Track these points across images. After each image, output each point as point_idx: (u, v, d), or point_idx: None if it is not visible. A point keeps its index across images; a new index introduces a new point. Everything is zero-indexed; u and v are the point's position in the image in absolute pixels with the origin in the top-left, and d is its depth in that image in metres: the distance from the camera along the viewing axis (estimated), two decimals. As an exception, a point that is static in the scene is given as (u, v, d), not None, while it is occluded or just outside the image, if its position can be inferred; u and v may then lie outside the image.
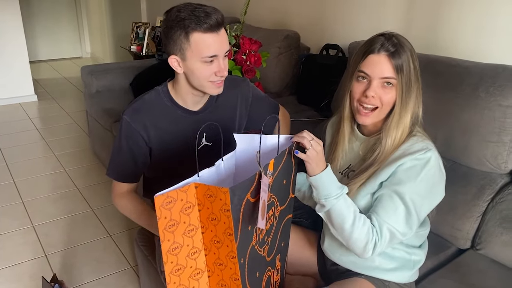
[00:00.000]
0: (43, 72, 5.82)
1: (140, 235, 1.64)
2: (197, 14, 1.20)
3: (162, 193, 0.84)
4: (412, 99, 1.11)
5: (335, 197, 1.06)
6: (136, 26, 4.32)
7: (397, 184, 1.07)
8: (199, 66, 1.25)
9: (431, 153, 1.08)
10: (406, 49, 1.09)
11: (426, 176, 1.07)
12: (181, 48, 1.23)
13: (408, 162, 1.07)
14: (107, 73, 3.13)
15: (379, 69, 1.08)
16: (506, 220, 1.39)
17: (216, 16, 1.21)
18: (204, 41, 1.21)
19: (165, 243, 0.87)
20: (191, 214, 0.89)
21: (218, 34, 1.23)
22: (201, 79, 1.28)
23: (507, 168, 1.48)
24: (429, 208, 1.13)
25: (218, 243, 0.91)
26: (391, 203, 1.07)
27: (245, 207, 0.87)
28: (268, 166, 0.92)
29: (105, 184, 2.85)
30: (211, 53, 1.23)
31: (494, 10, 1.68)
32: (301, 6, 2.65)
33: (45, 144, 3.51)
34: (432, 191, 1.10)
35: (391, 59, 1.08)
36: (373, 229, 1.06)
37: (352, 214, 1.06)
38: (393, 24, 2.08)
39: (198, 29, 1.20)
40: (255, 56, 1.97)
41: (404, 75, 1.08)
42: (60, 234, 2.34)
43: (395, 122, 1.11)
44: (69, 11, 6.48)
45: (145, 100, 1.40)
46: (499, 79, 1.45)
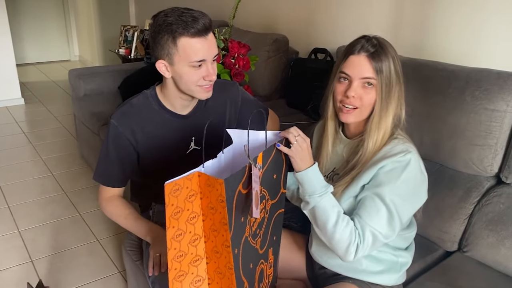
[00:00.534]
0: (30, 75, 5.77)
1: (128, 240, 1.63)
2: (185, 19, 1.19)
3: (171, 181, 0.87)
4: (393, 101, 1.13)
5: (319, 195, 1.07)
6: (125, 29, 4.30)
7: (378, 186, 1.07)
8: (187, 71, 1.24)
9: (411, 155, 1.08)
10: (386, 51, 1.11)
11: (407, 178, 1.07)
12: (169, 53, 1.23)
13: (389, 164, 1.08)
14: (95, 76, 3.11)
15: (359, 70, 1.10)
16: (492, 223, 1.41)
17: (204, 20, 1.21)
18: (191, 46, 1.21)
19: (170, 229, 0.90)
20: (194, 202, 0.92)
21: (206, 38, 1.22)
22: (189, 84, 1.27)
23: (492, 171, 1.49)
24: (411, 210, 1.13)
25: (216, 231, 0.93)
26: (373, 205, 1.07)
27: (238, 199, 0.90)
28: (257, 159, 0.94)
29: (93, 188, 2.83)
30: (199, 58, 1.22)
31: (480, 16, 1.71)
32: (290, 10, 2.66)
33: (32, 148, 3.47)
34: (413, 193, 1.11)
35: (370, 59, 1.09)
36: (356, 231, 1.06)
37: (335, 214, 1.07)
38: (381, 29, 2.10)
39: (186, 34, 1.19)
40: (243, 59, 1.97)
41: (384, 76, 1.10)
42: (47, 239, 2.31)
43: (375, 123, 1.12)
44: (57, 14, 6.43)
45: (133, 104, 1.40)
46: (484, 83, 1.46)
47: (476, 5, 1.70)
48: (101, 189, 1.46)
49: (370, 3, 2.13)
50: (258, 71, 2.40)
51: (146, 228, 1.40)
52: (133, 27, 4.30)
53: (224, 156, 1.02)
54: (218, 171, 1.01)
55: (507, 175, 1.45)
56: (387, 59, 1.10)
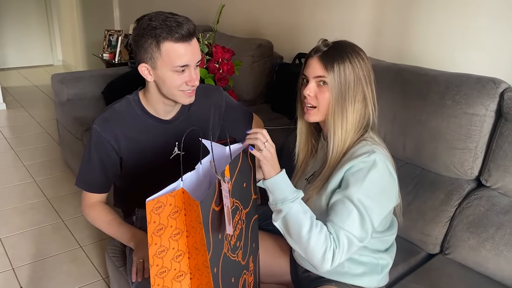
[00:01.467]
0: (12, 80, 5.68)
1: (112, 246, 1.61)
2: (169, 24, 1.19)
3: (153, 198, 0.85)
4: (351, 102, 1.13)
5: (292, 200, 1.04)
6: (109, 33, 4.27)
7: (346, 189, 1.07)
8: (170, 75, 1.24)
9: (376, 156, 1.08)
10: (341, 51, 1.12)
11: (373, 178, 1.07)
12: (152, 57, 1.23)
13: (354, 166, 1.09)
14: (79, 81, 3.08)
15: (312, 69, 1.13)
16: (473, 225, 1.43)
17: (188, 26, 1.21)
18: (175, 51, 1.21)
19: (152, 246, 0.89)
20: (178, 218, 0.91)
21: (189, 44, 1.23)
22: (172, 88, 1.27)
23: (473, 174, 1.52)
24: (381, 211, 1.11)
25: (197, 250, 0.92)
26: (343, 208, 1.06)
27: (212, 217, 0.88)
28: (225, 173, 0.92)
29: (76, 194, 2.79)
30: (183, 63, 1.22)
31: (460, 22, 1.74)
32: (275, 16, 2.67)
33: (14, 154, 3.42)
34: (381, 193, 1.10)
35: (321, 59, 1.12)
36: (331, 236, 1.04)
37: (308, 219, 1.04)
38: (364, 34, 2.12)
39: (170, 38, 1.19)
40: (228, 64, 1.98)
41: (336, 74, 1.10)
42: (28, 247, 2.27)
43: (331, 122, 1.14)
44: (40, 18, 6.35)
45: (116, 109, 1.39)
46: (464, 87, 1.49)
47: (457, 11, 1.74)
48: (84, 195, 1.45)
49: (353, 9, 2.15)
50: (242, 76, 2.41)
51: (129, 234, 1.38)
52: (117, 31, 4.27)
53: (202, 166, 1.01)
54: (197, 183, 0.99)
55: (487, 178, 1.47)
56: (341, 58, 1.11)
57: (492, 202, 1.44)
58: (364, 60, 1.14)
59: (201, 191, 0.99)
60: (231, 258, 1.01)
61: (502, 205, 1.42)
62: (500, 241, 1.35)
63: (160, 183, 0.93)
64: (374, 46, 2.08)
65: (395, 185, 1.14)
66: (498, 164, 1.43)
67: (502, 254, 1.34)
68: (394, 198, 1.16)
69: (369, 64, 1.16)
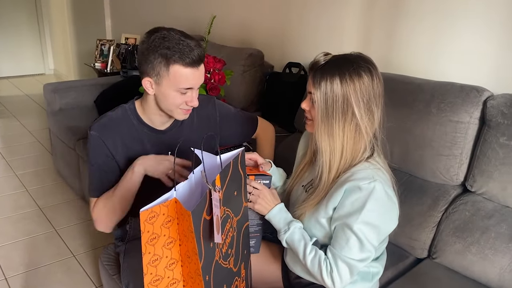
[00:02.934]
0: (3, 89, 5.67)
1: (105, 254, 1.63)
2: (181, 48, 1.23)
3: (146, 208, 0.88)
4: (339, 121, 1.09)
5: (284, 232, 1.19)
6: (101, 43, 4.29)
7: (346, 217, 1.10)
8: (172, 95, 1.29)
9: (376, 184, 1.08)
10: (335, 67, 1.08)
11: (372, 206, 1.08)
12: (159, 74, 1.26)
13: (354, 192, 1.09)
14: (71, 90, 3.09)
15: (308, 84, 1.16)
16: (459, 230, 1.47)
17: (199, 52, 1.25)
18: (183, 75, 1.25)
19: (146, 255, 0.91)
20: (171, 228, 0.93)
21: (197, 69, 1.27)
22: (171, 105, 1.32)
23: (458, 180, 1.56)
24: (380, 236, 1.14)
25: (189, 258, 0.95)
26: (343, 236, 1.11)
27: (204, 226, 0.91)
28: (215, 182, 0.95)
29: (68, 203, 2.80)
30: (188, 86, 1.27)
31: (444, 33, 1.79)
32: (265, 26, 2.72)
33: (6, 164, 3.41)
34: (381, 220, 1.12)
35: (313, 74, 1.11)
36: (326, 261, 1.11)
37: (302, 247, 1.15)
38: (353, 44, 2.17)
39: (181, 62, 1.24)
40: (219, 74, 2.01)
41: (322, 92, 1.08)
42: (20, 256, 2.27)
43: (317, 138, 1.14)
44: (31, 27, 6.35)
45: (112, 117, 1.41)
46: (448, 96, 1.54)
47: (441, 23, 1.79)
48: (91, 201, 1.43)
49: (341, 19, 2.20)
50: (234, 85, 2.44)
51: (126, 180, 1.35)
52: (109, 41, 4.29)
53: (194, 176, 1.04)
54: (190, 192, 1.02)
55: (472, 183, 1.52)
56: (331, 75, 1.08)
57: (477, 207, 1.48)
58: (362, 79, 1.08)
59: (193, 201, 1.02)
60: (222, 265, 1.03)
61: (487, 210, 1.46)
62: (485, 245, 1.39)
63: (153, 192, 0.96)
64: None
65: (394, 208, 1.16)
66: (482, 170, 1.47)
67: (487, 257, 1.38)
68: (395, 221, 1.18)
69: (371, 84, 1.09)
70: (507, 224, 1.39)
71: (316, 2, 2.32)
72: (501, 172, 1.41)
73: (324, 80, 1.08)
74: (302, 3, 2.41)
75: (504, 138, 1.41)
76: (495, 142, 1.43)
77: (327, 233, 1.17)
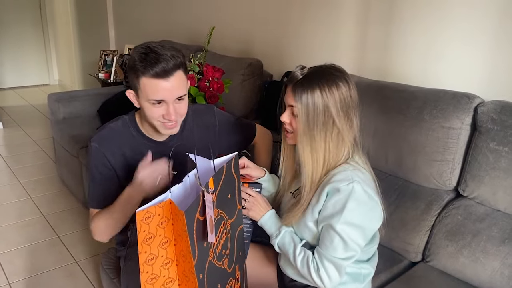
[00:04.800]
0: (9, 99, 5.75)
1: (106, 259, 1.66)
2: (148, 59, 1.23)
3: (142, 209, 0.92)
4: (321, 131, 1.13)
5: (275, 237, 1.27)
6: (104, 53, 4.37)
7: (329, 218, 1.14)
8: (147, 106, 1.30)
9: (354, 184, 1.12)
10: (314, 80, 1.13)
11: (351, 206, 1.11)
12: (134, 87, 1.30)
13: (334, 194, 1.13)
14: (74, 100, 3.16)
15: (287, 97, 1.18)
16: (451, 233, 1.50)
17: (166, 63, 1.23)
18: (151, 86, 1.25)
19: (142, 254, 0.95)
20: (166, 228, 0.97)
21: (166, 80, 1.25)
22: (150, 118, 1.33)
23: (451, 185, 1.59)
24: (364, 234, 1.17)
25: (184, 257, 0.98)
26: (327, 236, 1.15)
27: (197, 226, 0.94)
28: (209, 185, 0.99)
29: (71, 210, 2.84)
30: (157, 98, 1.27)
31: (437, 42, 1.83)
32: (264, 36, 2.77)
33: (10, 172, 3.47)
34: (363, 219, 1.15)
35: (293, 88, 1.14)
36: (313, 260, 1.17)
37: (292, 249, 1.22)
38: (348, 52, 2.22)
39: (146, 74, 1.24)
40: (218, 83, 2.06)
41: (303, 105, 1.12)
42: (24, 262, 2.31)
43: (299, 149, 1.17)
44: (36, 39, 6.45)
45: (112, 128, 1.44)
46: (440, 102, 1.58)
47: (434, 33, 1.83)
48: (91, 211, 1.46)
49: (338, 29, 2.25)
50: (234, 94, 2.49)
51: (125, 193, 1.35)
52: (112, 51, 4.37)
53: (189, 179, 1.08)
54: (184, 194, 1.06)
55: (464, 188, 1.55)
56: (311, 88, 1.11)
57: (469, 211, 1.51)
58: (340, 89, 1.13)
59: (187, 202, 1.06)
60: (216, 265, 1.07)
61: (478, 214, 1.49)
62: (477, 248, 1.42)
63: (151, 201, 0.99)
64: (357, 64, 2.17)
65: (376, 206, 1.18)
66: (473, 174, 1.51)
67: (479, 260, 1.41)
68: (378, 219, 1.21)
69: (348, 92, 1.14)
70: (498, 228, 1.42)
71: (313, 13, 2.38)
72: (492, 176, 1.45)
73: (305, 93, 1.12)
74: (300, 15, 2.47)
75: (494, 143, 1.44)
76: (486, 148, 1.46)
77: (315, 235, 1.21)
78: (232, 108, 2.52)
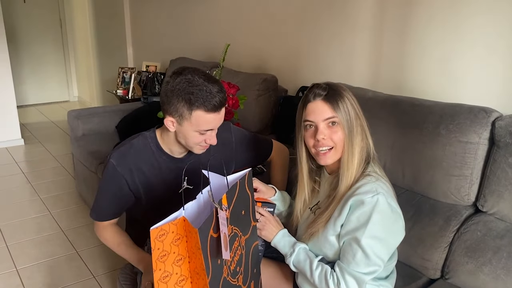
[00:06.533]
0: (30, 116, 5.89)
1: (123, 274, 1.67)
2: (204, 94, 1.27)
3: (156, 227, 0.93)
4: (357, 135, 1.21)
5: (290, 255, 1.26)
6: (123, 71, 4.45)
7: (353, 232, 1.14)
8: (193, 135, 1.34)
9: (379, 197, 1.13)
10: (337, 91, 1.21)
11: (377, 219, 1.12)
12: (181, 116, 1.31)
13: (359, 207, 1.14)
14: (93, 116, 3.22)
15: (319, 113, 1.20)
16: (470, 250, 1.47)
17: (220, 97, 1.29)
18: (204, 120, 1.30)
19: (156, 272, 0.96)
20: (180, 245, 0.98)
21: (218, 113, 1.32)
22: (191, 143, 1.37)
23: (470, 200, 1.56)
24: (388, 248, 1.18)
25: (198, 274, 0.99)
26: (349, 251, 1.15)
27: (211, 243, 0.95)
28: (222, 201, 0.99)
29: (90, 226, 2.87)
30: (208, 128, 1.33)
31: (453, 56, 1.82)
32: (279, 52, 2.80)
33: (31, 188, 3.53)
34: (387, 232, 1.16)
35: (326, 101, 1.19)
36: (333, 274, 1.16)
37: (308, 265, 1.21)
38: (364, 67, 2.22)
39: (203, 108, 1.28)
40: (233, 99, 2.08)
41: (342, 112, 1.19)
42: (43, 277, 2.34)
43: (346, 159, 1.20)
44: (57, 57, 6.62)
45: (133, 144, 1.46)
46: (457, 117, 1.56)
47: (450, 46, 1.82)
48: (96, 223, 1.53)
49: (352, 44, 2.26)
50: (249, 109, 2.51)
51: (138, 256, 1.45)
52: (130, 68, 4.45)
53: (202, 196, 1.09)
54: (198, 211, 1.07)
55: (483, 203, 1.52)
56: (341, 97, 1.20)
57: (489, 227, 1.48)
58: (352, 95, 1.23)
59: (201, 219, 1.06)
60: (231, 282, 1.07)
61: (499, 230, 1.46)
62: (497, 265, 1.39)
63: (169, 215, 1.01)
64: (372, 78, 2.17)
65: (399, 220, 1.20)
66: (492, 190, 1.48)
67: (499, 278, 1.37)
68: (401, 232, 1.22)
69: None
70: (519, 244, 1.39)
71: (327, 28, 2.39)
72: (511, 191, 1.42)
73: (340, 102, 1.19)
74: (314, 30, 2.49)
75: (513, 158, 1.42)
76: (505, 162, 1.44)
77: (337, 251, 1.20)
78: (247, 123, 2.54)
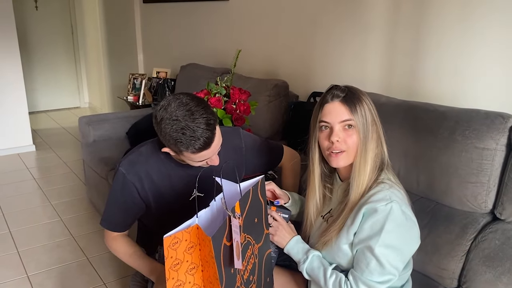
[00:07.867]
0: (42, 122, 5.94)
1: (134, 282, 1.66)
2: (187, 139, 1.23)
3: (169, 235, 0.92)
4: (372, 141, 1.19)
5: (303, 262, 1.23)
6: (133, 77, 4.47)
7: (367, 240, 1.12)
8: (190, 162, 1.35)
9: (393, 204, 1.11)
10: (356, 94, 1.19)
11: (391, 227, 1.10)
12: (174, 151, 1.32)
13: (372, 215, 1.12)
14: (104, 122, 3.23)
15: (336, 115, 1.18)
16: (489, 259, 1.43)
17: (205, 137, 1.24)
18: (196, 156, 1.29)
19: (169, 281, 0.94)
20: (193, 253, 0.97)
21: (209, 148, 1.29)
22: (192, 163, 1.37)
23: (487, 207, 1.53)
24: (403, 256, 1.16)
25: (211, 283, 0.97)
26: (363, 259, 1.13)
27: (224, 252, 0.94)
28: (235, 209, 0.98)
29: (100, 232, 2.87)
30: (201, 159, 1.32)
31: (467, 60, 1.80)
32: (290, 57, 2.78)
33: (42, 194, 3.55)
34: (402, 240, 1.14)
35: (344, 103, 1.17)
36: (347, 282, 1.14)
37: (322, 273, 1.18)
38: (375, 72, 2.20)
39: (190, 151, 1.27)
40: (244, 105, 2.07)
41: (359, 115, 1.17)
42: (54, 283, 2.34)
43: (358, 164, 1.18)
44: (68, 63, 6.67)
45: (142, 152, 1.46)
46: (473, 123, 1.53)
47: (464, 51, 1.80)
48: (106, 232, 1.53)
49: (365, 49, 2.24)
50: (260, 115, 2.49)
51: (150, 267, 1.44)
52: (141, 75, 4.46)
53: (215, 203, 1.08)
54: (211, 218, 1.06)
55: (501, 211, 1.49)
56: (359, 101, 1.19)
57: (507, 236, 1.44)
58: (369, 100, 1.21)
59: (215, 227, 1.05)
60: None
61: (518, 239, 1.42)
62: (517, 275, 1.35)
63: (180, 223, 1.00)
64: (385, 83, 2.14)
65: (414, 228, 1.18)
66: (510, 197, 1.44)
67: (519, 288, 1.34)
68: (416, 240, 1.20)
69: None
70: (539, 253, 1.35)
71: (339, 33, 2.38)
72: (531, 199, 1.39)
73: (358, 105, 1.17)
74: (326, 35, 2.47)
75: (532, 164, 1.38)
76: (523, 169, 1.41)
77: (350, 260, 1.18)
78: (258, 129, 2.53)
